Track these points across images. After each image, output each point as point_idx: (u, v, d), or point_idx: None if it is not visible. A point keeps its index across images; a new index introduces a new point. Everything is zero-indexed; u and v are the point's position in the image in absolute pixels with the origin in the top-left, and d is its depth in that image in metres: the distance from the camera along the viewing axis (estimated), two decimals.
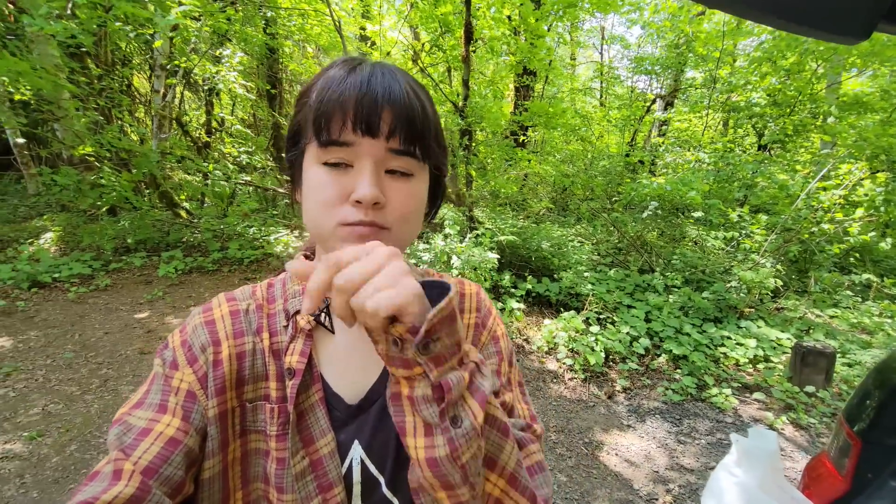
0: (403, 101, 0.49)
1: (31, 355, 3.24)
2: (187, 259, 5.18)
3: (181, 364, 0.52)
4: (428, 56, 6.86)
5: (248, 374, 0.54)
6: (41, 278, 4.33)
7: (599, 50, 12.54)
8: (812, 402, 3.30)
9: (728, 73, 7.70)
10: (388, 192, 0.50)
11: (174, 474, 0.46)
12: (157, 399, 0.50)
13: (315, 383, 0.54)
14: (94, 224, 5.49)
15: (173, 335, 0.56)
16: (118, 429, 0.48)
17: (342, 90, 0.48)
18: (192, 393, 0.51)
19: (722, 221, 5.56)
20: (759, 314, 4.46)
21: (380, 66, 0.51)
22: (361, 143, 0.48)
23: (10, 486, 2.11)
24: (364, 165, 0.48)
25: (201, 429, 0.50)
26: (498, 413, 0.48)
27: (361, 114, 0.47)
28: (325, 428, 0.53)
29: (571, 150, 8.50)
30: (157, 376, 0.52)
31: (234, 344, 0.54)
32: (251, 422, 0.53)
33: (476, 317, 0.63)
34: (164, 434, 0.47)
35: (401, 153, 0.50)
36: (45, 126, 5.81)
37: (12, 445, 2.36)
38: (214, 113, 8.26)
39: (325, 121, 0.48)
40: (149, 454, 0.45)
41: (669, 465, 2.63)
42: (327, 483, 0.52)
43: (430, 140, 0.52)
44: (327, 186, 0.49)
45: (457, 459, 0.42)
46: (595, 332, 3.86)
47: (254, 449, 0.53)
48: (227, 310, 0.57)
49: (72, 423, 2.59)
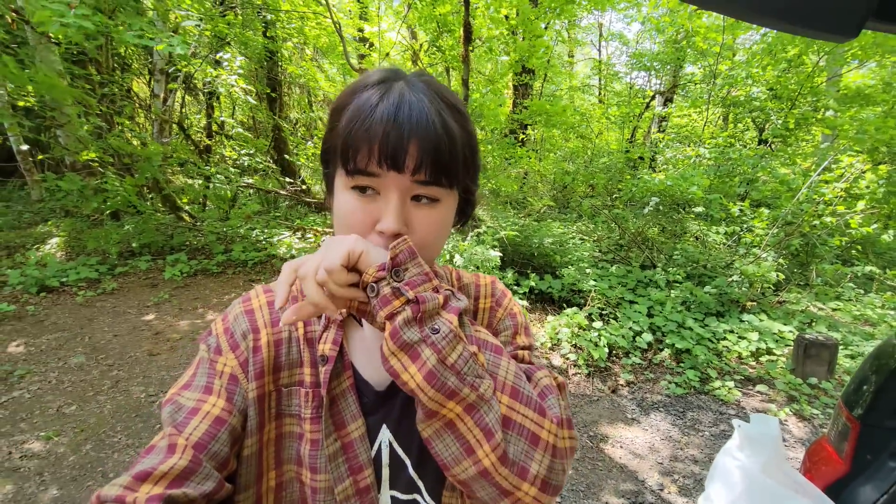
0: (431, 135, 0.48)
1: (43, 358, 3.28)
2: (192, 262, 5.22)
3: (224, 350, 0.56)
4: (427, 56, 6.89)
5: (285, 360, 0.57)
6: (49, 283, 4.38)
7: (598, 47, 12.55)
8: (815, 393, 3.33)
9: (728, 67, 7.72)
10: (413, 219, 0.51)
11: (221, 450, 0.50)
12: (203, 381, 0.54)
13: (346, 370, 0.57)
14: (99, 229, 5.53)
15: (216, 323, 0.59)
16: (170, 408, 0.51)
17: (370, 123, 0.48)
18: (234, 376, 0.54)
19: (723, 216, 5.59)
20: (761, 308, 4.49)
21: (410, 90, 0.50)
22: (388, 175, 0.49)
23: (31, 484, 2.16)
24: (390, 198, 0.50)
25: (243, 409, 0.53)
26: (486, 336, 0.52)
27: (387, 149, 0.47)
28: (355, 413, 0.56)
29: (571, 147, 8.53)
30: (203, 360, 0.56)
31: (271, 332, 0.57)
32: (286, 405, 0.56)
33: (491, 300, 0.67)
34: (210, 413, 0.51)
35: (428, 183, 0.50)
36: (48, 132, 5.86)
37: (31, 445, 2.41)
38: (215, 116, 8.29)
39: (353, 151, 0.49)
40: (198, 431, 0.49)
41: (674, 457, 2.67)
42: (358, 465, 0.55)
43: (459, 168, 0.52)
44: (355, 213, 0.51)
45: (445, 360, 0.46)
46: (598, 327, 3.89)
47: (288, 432, 0.56)
48: (264, 300, 0.60)
49: (86, 423, 2.63)
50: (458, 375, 0.46)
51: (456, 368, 0.46)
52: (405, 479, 0.58)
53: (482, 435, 0.47)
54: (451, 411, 0.47)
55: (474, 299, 0.67)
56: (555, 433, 0.50)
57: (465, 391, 0.46)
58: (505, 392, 0.49)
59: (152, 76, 6.61)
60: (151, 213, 5.74)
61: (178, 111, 7.49)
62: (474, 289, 0.67)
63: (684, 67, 9.41)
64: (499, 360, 0.51)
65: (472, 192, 0.60)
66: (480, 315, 0.66)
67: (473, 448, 0.47)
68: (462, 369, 0.46)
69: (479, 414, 0.47)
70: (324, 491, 0.54)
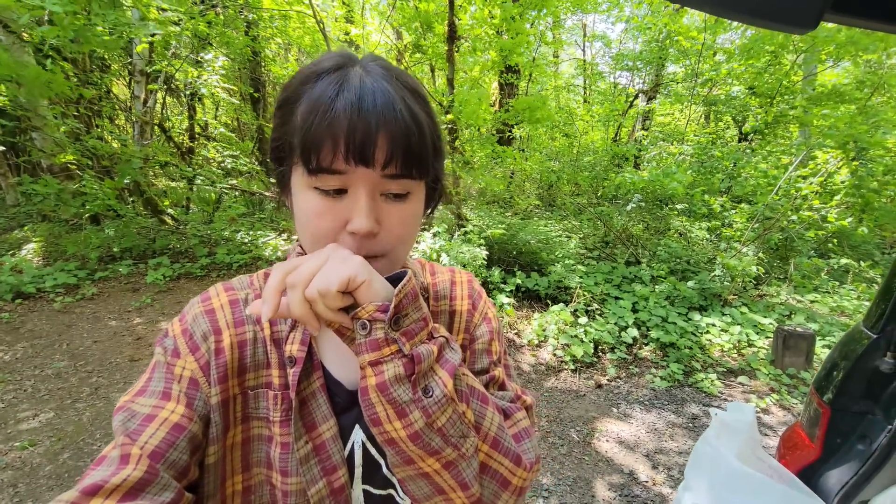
0: (401, 125, 0.45)
1: (18, 366, 3.20)
2: (175, 265, 5.14)
3: (183, 352, 0.52)
4: (411, 57, 6.89)
5: (250, 362, 0.54)
6: (25, 289, 4.27)
7: (582, 47, 12.67)
8: (794, 383, 3.40)
9: (709, 66, 7.86)
10: (384, 216, 0.49)
11: (180, 458, 0.47)
12: (160, 387, 0.50)
13: (315, 371, 0.55)
14: (78, 233, 5.41)
15: (173, 324, 0.56)
16: (122, 415, 0.48)
17: (332, 116, 0.44)
18: (194, 380, 0.51)
19: (705, 212, 5.69)
20: (742, 301, 4.58)
21: (369, 77, 0.46)
22: (355, 171, 0.46)
23: (4, 496, 2.10)
24: (359, 194, 0.47)
25: (204, 415, 0.51)
26: (473, 382, 0.51)
27: (354, 143, 0.44)
28: (326, 413, 0.54)
29: (557, 146, 8.60)
30: (159, 364, 0.53)
31: (234, 333, 0.54)
32: (253, 408, 0.54)
33: (468, 302, 0.65)
34: (168, 420, 0.47)
35: (397, 176, 0.47)
36: (23, 135, 5.72)
37: (4, 456, 2.34)
38: (198, 118, 8.18)
39: (315, 148, 0.44)
40: (155, 439, 0.46)
41: (659, 449, 2.70)
42: (331, 466, 0.54)
43: (429, 157, 0.49)
44: (321, 216, 0.48)
45: (433, 425, 0.45)
46: (584, 323, 3.92)
47: (256, 435, 0.54)
48: (226, 299, 0.57)
49: (63, 431, 2.57)
50: (444, 437, 0.45)
51: (443, 431, 0.45)
52: (379, 479, 0.57)
53: (457, 486, 0.48)
54: (429, 466, 0.47)
55: (450, 299, 0.65)
56: (524, 478, 0.52)
57: (447, 451, 0.46)
58: (486, 442, 0.50)
59: (132, 77, 6.50)
60: (133, 217, 5.64)
61: (159, 113, 7.37)
62: (450, 287, 0.66)
63: (666, 67, 9.55)
64: (485, 410, 0.50)
65: (440, 180, 0.57)
66: (457, 318, 0.64)
67: (447, 492, 0.48)
68: (448, 431, 0.46)
69: (457, 470, 0.47)
70: (296, 494, 0.52)
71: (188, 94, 7.45)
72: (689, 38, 8.02)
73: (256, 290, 0.59)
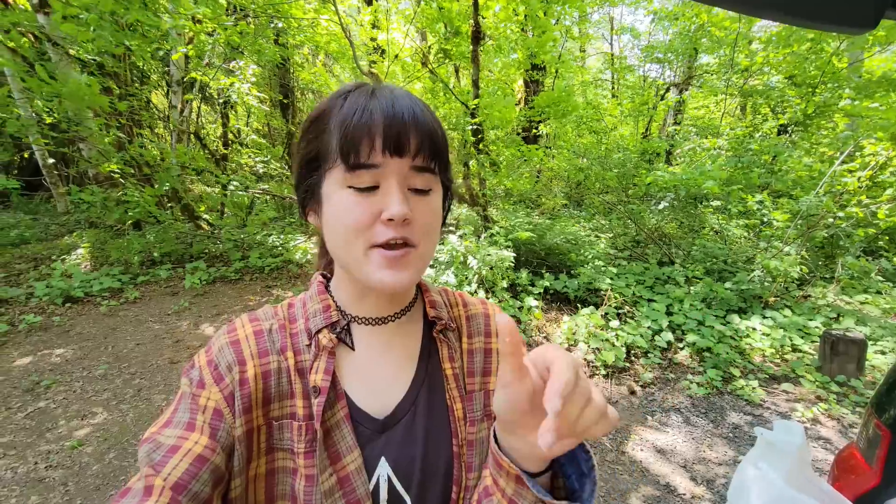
0: (426, 121, 0.51)
1: (68, 368, 3.38)
2: (211, 269, 5.32)
3: (208, 383, 0.53)
4: (435, 59, 6.89)
5: (274, 392, 0.54)
6: (74, 293, 4.51)
7: (609, 41, 12.37)
8: (844, 391, 3.21)
9: (745, 55, 7.52)
10: (413, 208, 0.51)
11: (202, 490, 0.47)
12: (185, 418, 0.51)
13: (339, 400, 0.55)
14: (121, 239, 5.68)
15: (199, 355, 0.56)
16: (147, 447, 0.49)
17: (368, 116, 0.49)
18: (218, 411, 0.51)
19: (742, 209, 5.44)
20: (785, 303, 4.36)
21: (384, 88, 0.53)
22: (389, 163, 0.50)
23: (56, 494, 2.22)
24: (391, 185, 0.50)
25: (227, 446, 0.51)
26: None
27: (391, 135, 0.49)
28: (351, 444, 0.54)
29: (584, 143, 8.42)
30: (185, 395, 0.53)
31: (259, 363, 0.54)
32: (277, 440, 0.54)
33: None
34: (192, 451, 0.48)
35: (422, 170, 0.52)
36: (72, 146, 6.05)
37: (56, 455, 2.48)
38: (230, 125, 8.44)
39: (354, 145, 0.49)
40: (178, 470, 0.46)
41: (696, 459, 2.60)
42: (355, 500, 0.53)
43: (447, 155, 0.55)
44: (356, 209, 0.50)
45: None
46: (615, 327, 3.82)
47: (281, 467, 0.54)
48: (250, 329, 0.57)
49: (109, 431, 2.70)
50: None
51: None
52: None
53: None
54: None
55: (485, 336, 0.65)
56: None
57: None
58: None
59: (170, 87, 6.77)
60: (171, 223, 5.87)
61: (194, 121, 7.65)
62: (483, 321, 0.66)
63: (698, 58, 9.21)
64: None
65: (450, 186, 0.61)
66: (493, 356, 0.64)
67: None
68: None
69: None
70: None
71: (221, 103, 7.70)
72: (723, 27, 7.70)
73: (281, 319, 0.59)
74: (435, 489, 0.56)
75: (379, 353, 0.59)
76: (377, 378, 0.58)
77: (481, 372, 0.63)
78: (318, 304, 0.59)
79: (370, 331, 0.60)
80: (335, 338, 0.57)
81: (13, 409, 2.88)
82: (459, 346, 0.63)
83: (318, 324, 0.57)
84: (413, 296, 0.64)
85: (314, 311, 0.59)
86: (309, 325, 0.58)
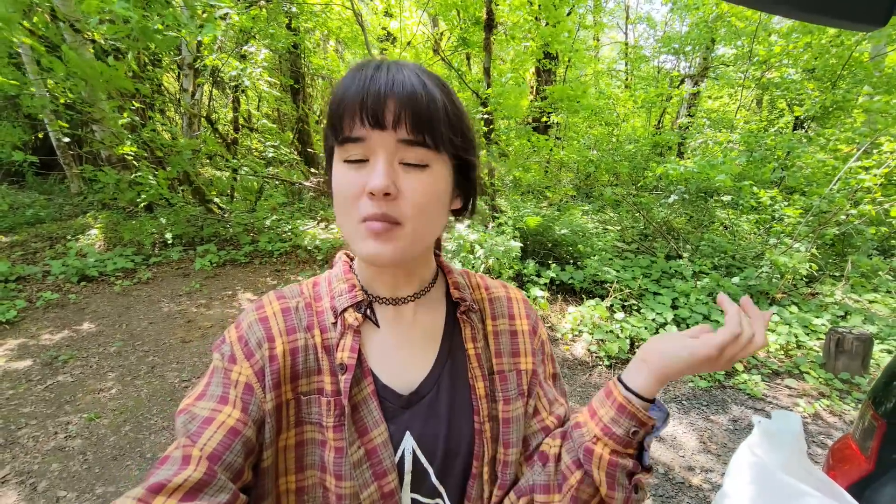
0: (407, 90, 0.49)
1: (84, 344, 3.48)
2: (221, 252, 5.40)
3: (239, 358, 0.54)
4: (452, 46, 6.84)
5: (302, 368, 0.56)
6: (89, 272, 4.61)
7: (624, 30, 12.17)
8: (847, 388, 3.22)
9: (765, 47, 7.37)
10: (402, 183, 0.50)
11: (235, 461, 0.49)
12: (218, 391, 0.53)
13: (366, 377, 0.57)
14: (134, 220, 5.77)
15: (229, 331, 0.58)
16: (184, 417, 0.51)
17: (349, 88, 0.49)
18: (249, 386, 0.53)
19: (753, 204, 5.40)
20: (792, 300, 4.35)
21: (390, 62, 0.52)
22: (372, 136, 0.49)
23: (75, 462, 2.31)
24: (377, 159, 0.50)
25: (258, 420, 0.52)
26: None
27: (367, 107, 0.48)
28: (377, 419, 0.56)
29: (595, 134, 8.34)
30: (217, 370, 0.55)
31: (287, 340, 0.56)
32: (306, 413, 0.56)
33: (527, 322, 0.67)
34: (225, 423, 0.50)
35: (412, 143, 0.50)
36: (85, 127, 6.12)
37: (74, 426, 2.57)
38: (241, 110, 8.46)
39: (339, 120, 0.50)
40: (213, 441, 0.48)
41: (697, 450, 2.64)
42: (382, 470, 0.55)
43: (442, 127, 0.51)
44: (347, 182, 0.51)
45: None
46: (620, 318, 3.85)
47: (309, 439, 0.56)
48: (278, 307, 0.59)
49: (125, 405, 2.79)
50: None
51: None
52: (428, 486, 0.59)
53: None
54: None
55: (509, 318, 0.66)
56: None
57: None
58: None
59: (181, 71, 6.80)
60: (182, 206, 5.94)
61: (206, 105, 7.68)
62: (506, 303, 0.68)
63: (715, 49, 9.04)
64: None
65: (469, 164, 0.57)
66: (520, 337, 0.66)
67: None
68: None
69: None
70: (349, 497, 0.54)
71: (233, 87, 7.71)
72: (744, 17, 7.55)
73: (307, 298, 0.61)
74: (457, 463, 0.59)
75: (403, 331, 0.61)
76: (401, 356, 0.60)
77: (510, 353, 0.65)
78: (343, 284, 0.61)
79: (393, 310, 0.62)
80: (361, 316, 0.59)
81: (33, 381, 2.98)
82: (483, 327, 0.65)
83: (343, 303, 0.59)
84: (433, 277, 0.65)
85: (339, 291, 0.61)
86: (335, 304, 0.60)
